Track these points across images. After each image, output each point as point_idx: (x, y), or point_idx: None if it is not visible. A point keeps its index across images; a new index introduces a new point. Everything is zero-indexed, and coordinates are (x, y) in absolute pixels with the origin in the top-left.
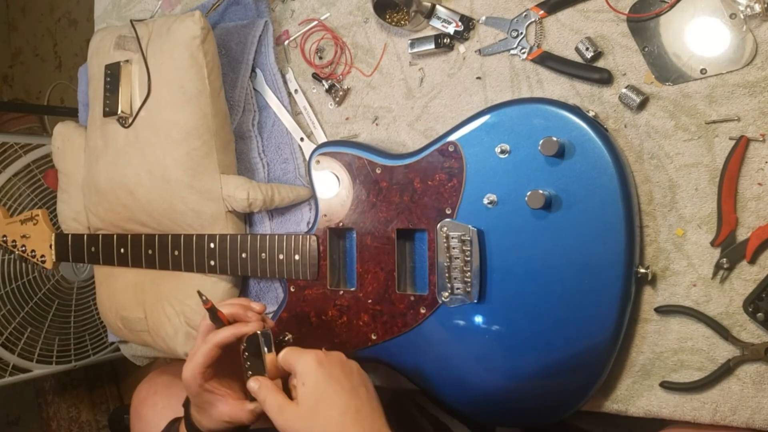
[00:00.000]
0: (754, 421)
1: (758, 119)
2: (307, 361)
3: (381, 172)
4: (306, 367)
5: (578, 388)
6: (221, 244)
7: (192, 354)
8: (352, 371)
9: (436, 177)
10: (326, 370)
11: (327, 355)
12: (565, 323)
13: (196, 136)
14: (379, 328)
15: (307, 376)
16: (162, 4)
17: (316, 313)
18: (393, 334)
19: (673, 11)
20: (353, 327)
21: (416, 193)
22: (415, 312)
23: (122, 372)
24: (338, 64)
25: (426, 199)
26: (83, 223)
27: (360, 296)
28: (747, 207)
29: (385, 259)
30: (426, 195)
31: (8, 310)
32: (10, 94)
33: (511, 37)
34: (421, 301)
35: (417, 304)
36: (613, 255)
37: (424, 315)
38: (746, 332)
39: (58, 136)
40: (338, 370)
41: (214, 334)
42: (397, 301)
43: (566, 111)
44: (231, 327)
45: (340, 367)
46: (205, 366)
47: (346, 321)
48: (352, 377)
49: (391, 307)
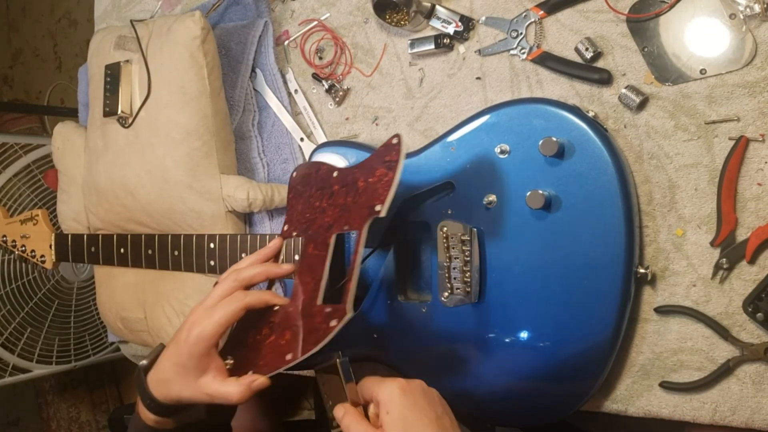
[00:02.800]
0: (753, 421)
1: (758, 119)
2: (391, 390)
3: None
4: (390, 396)
5: (578, 388)
6: (221, 245)
7: (209, 310)
8: (434, 400)
9: (376, 173)
10: (411, 400)
11: (409, 384)
12: (565, 323)
13: (196, 136)
14: (294, 346)
15: (391, 405)
16: (162, 4)
17: (254, 332)
18: (304, 352)
19: (672, 11)
20: (276, 347)
21: (357, 193)
22: (327, 326)
23: (122, 372)
24: (338, 64)
25: (363, 198)
26: (83, 223)
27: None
28: (746, 207)
29: (319, 267)
30: (365, 193)
31: (8, 311)
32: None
33: (511, 37)
34: (335, 312)
35: (330, 317)
36: (612, 255)
37: (332, 328)
38: (746, 332)
39: (58, 137)
40: (422, 399)
41: (244, 294)
42: (316, 314)
43: (566, 111)
44: (267, 293)
45: (424, 396)
46: (226, 327)
47: (273, 341)
48: (435, 406)
49: (308, 321)
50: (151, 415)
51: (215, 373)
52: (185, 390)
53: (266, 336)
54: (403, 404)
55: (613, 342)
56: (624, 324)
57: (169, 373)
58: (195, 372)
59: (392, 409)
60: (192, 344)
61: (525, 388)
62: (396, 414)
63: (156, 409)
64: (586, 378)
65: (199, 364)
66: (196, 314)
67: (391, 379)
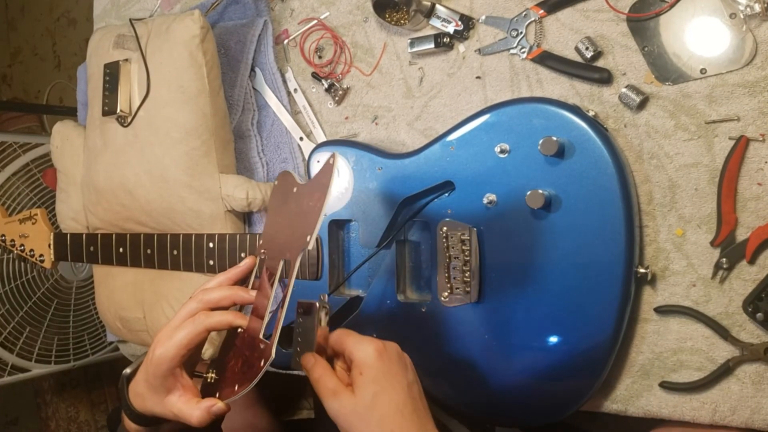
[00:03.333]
0: (753, 421)
1: (758, 119)
2: (369, 353)
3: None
4: (366, 358)
5: (578, 388)
6: (220, 244)
7: (172, 330)
8: (407, 367)
9: (314, 196)
10: (386, 365)
11: (386, 347)
12: (565, 323)
13: (195, 135)
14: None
15: (366, 367)
16: (161, 3)
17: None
18: (241, 388)
19: (673, 11)
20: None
21: (301, 215)
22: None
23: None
24: (338, 63)
25: (302, 224)
26: (82, 223)
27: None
28: (746, 207)
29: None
30: (304, 218)
31: (7, 310)
32: (9, 93)
33: (511, 36)
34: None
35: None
36: (612, 255)
37: (260, 368)
38: (746, 332)
39: (57, 136)
40: (396, 364)
41: (207, 316)
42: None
43: (566, 111)
44: (229, 314)
45: (399, 361)
46: (188, 348)
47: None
48: (408, 373)
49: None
50: (134, 426)
51: (181, 392)
52: (157, 406)
53: (230, 358)
54: (378, 368)
55: (613, 342)
56: (624, 324)
57: (141, 388)
58: (161, 390)
59: (366, 371)
60: (155, 365)
61: (525, 388)
62: (369, 376)
63: (137, 419)
64: (586, 378)
65: (164, 383)
66: (161, 333)
67: (369, 339)
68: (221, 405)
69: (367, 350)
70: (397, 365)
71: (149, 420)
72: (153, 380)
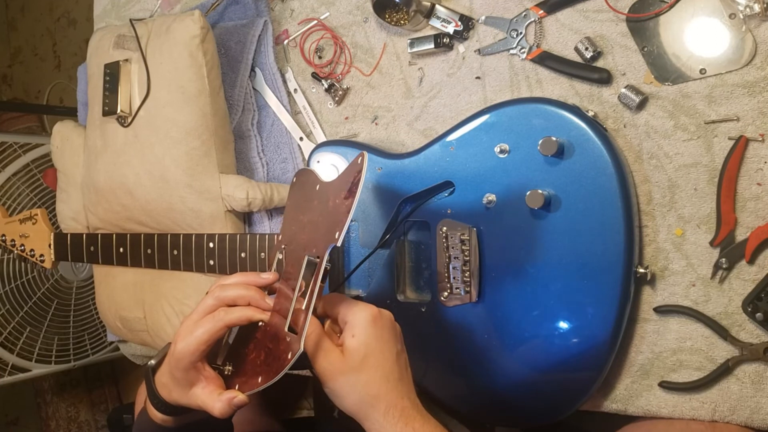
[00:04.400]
0: (752, 420)
1: (757, 119)
2: (363, 316)
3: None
4: (359, 321)
5: (577, 387)
6: (220, 244)
7: (192, 326)
8: (397, 336)
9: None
10: (378, 331)
11: (381, 314)
12: (565, 323)
13: (195, 135)
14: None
15: (358, 330)
16: (161, 3)
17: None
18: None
19: (672, 11)
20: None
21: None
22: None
23: (121, 372)
24: (338, 63)
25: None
26: (82, 223)
27: None
28: (746, 207)
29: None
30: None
31: (7, 310)
32: (9, 93)
33: (511, 36)
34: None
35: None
36: (612, 255)
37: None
38: (745, 332)
39: (57, 136)
40: (389, 331)
41: (226, 312)
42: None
43: (565, 111)
44: (248, 309)
45: (391, 329)
46: (208, 344)
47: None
48: (398, 342)
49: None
50: (159, 414)
51: (205, 383)
52: (182, 398)
53: (250, 351)
54: (370, 333)
55: (613, 342)
56: (623, 324)
57: (167, 379)
58: (185, 383)
59: (358, 333)
60: (177, 359)
61: (524, 388)
62: (361, 340)
63: (163, 408)
64: (586, 377)
65: (187, 376)
66: (183, 327)
67: (364, 304)
68: (242, 397)
69: (362, 314)
70: (389, 333)
71: (176, 409)
72: (176, 372)
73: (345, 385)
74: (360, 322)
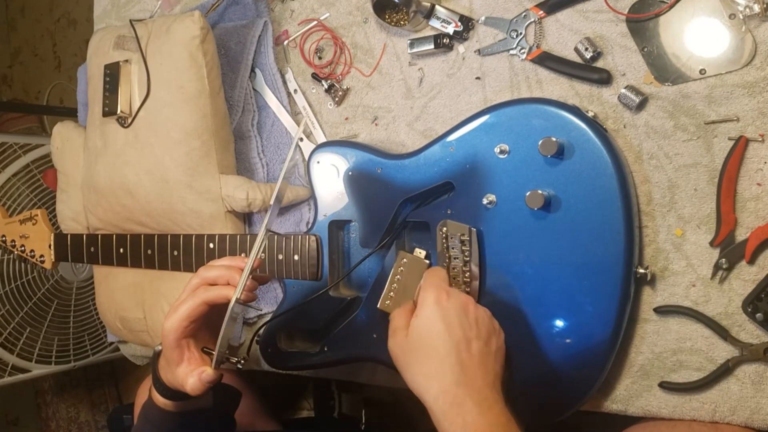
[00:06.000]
0: (753, 421)
1: (757, 119)
2: (426, 296)
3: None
4: (423, 302)
5: (578, 388)
6: (220, 245)
7: (176, 305)
8: (473, 322)
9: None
10: (440, 313)
11: (449, 296)
12: (565, 323)
13: (195, 136)
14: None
15: (421, 310)
16: (161, 4)
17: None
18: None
19: (672, 11)
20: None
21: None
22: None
23: (121, 372)
24: (337, 64)
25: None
26: (82, 223)
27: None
28: (746, 207)
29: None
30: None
31: (7, 310)
32: (9, 94)
33: (511, 37)
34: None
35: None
36: (612, 255)
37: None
38: (745, 332)
39: (57, 136)
40: (454, 316)
41: (205, 290)
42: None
43: (565, 111)
44: (225, 288)
45: (459, 313)
46: (189, 320)
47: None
48: (470, 328)
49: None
50: (161, 398)
51: (187, 363)
52: (170, 377)
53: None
54: (429, 315)
55: (613, 342)
56: (623, 324)
57: (163, 361)
58: (172, 362)
59: (420, 313)
60: (164, 337)
61: (524, 389)
62: (420, 320)
63: (163, 391)
64: (586, 378)
65: (173, 354)
66: (171, 306)
67: (436, 285)
68: (209, 371)
69: (427, 295)
70: (455, 316)
71: (175, 394)
72: (166, 351)
73: (403, 364)
74: (424, 303)
